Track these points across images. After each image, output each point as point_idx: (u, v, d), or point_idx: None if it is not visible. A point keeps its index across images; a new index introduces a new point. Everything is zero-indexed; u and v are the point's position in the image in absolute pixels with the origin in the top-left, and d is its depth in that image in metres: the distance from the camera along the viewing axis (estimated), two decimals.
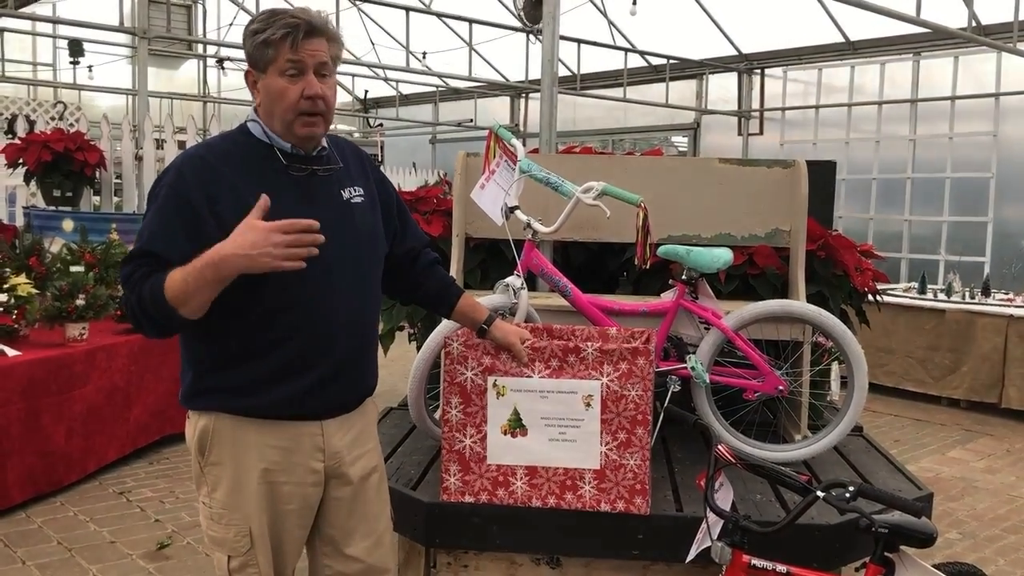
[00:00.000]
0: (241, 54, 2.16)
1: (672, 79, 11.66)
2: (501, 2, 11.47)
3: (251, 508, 2.07)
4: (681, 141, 12.82)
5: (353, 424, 2.20)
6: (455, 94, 14.84)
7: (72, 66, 13.04)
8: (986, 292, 7.80)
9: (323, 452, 2.12)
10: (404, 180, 12.36)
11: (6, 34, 12.35)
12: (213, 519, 2.11)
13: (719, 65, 11.57)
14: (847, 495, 2.17)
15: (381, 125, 15.97)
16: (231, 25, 12.95)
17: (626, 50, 11.46)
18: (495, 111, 14.38)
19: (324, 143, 2.16)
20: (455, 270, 3.46)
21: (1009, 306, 7.36)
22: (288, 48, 1.98)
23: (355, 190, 2.18)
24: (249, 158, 2.05)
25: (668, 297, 3.10)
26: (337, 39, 2.08)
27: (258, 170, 2.04)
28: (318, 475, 2.13)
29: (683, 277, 3.03)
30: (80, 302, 4.97)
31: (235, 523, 2.08)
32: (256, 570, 2.09)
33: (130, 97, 12.18)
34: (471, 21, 10.73)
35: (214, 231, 1.92)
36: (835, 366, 3.51)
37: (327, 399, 2.11)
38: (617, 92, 11.82)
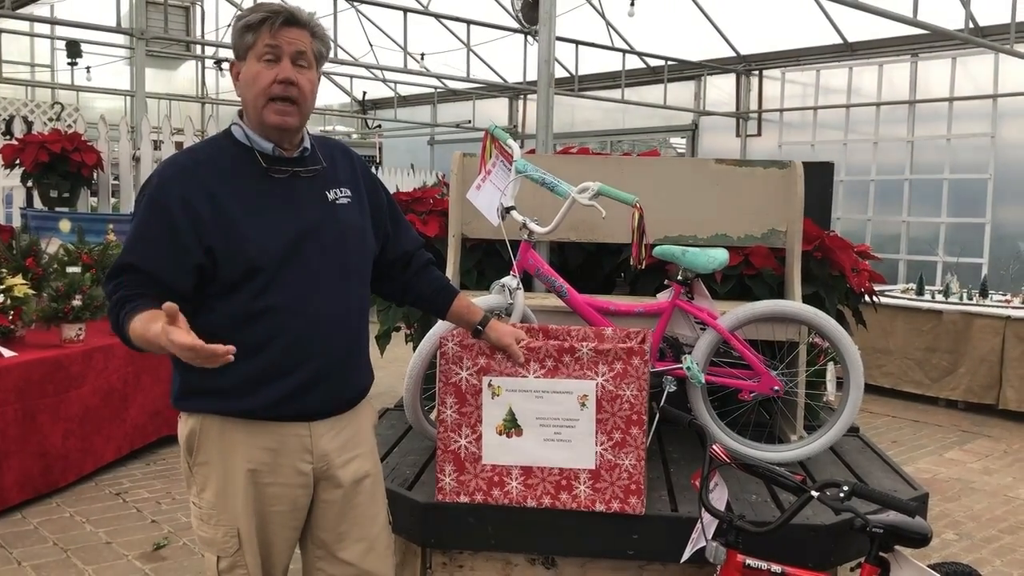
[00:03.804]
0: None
1: (670, 80, 11.66)
2: (499, 3, 11.48)
3: (238, 509, 2.07)
4: (679, 143, 12.82)
5: (344, 426, 2.19)
6: (453, 95, 14.84)
7: (70, 67, 13.04)
8: (984, 293, 7.80)
9: (311, 454, 2.11)
10: (402, 181, 12.37)
11: (4, 35, 12.35)
12: (202, 519, 2.11)
13: (717, 66, 11.58)
14: (841, 495, 2.17)
15: (379, 126, 15.98)
16: (229, 26, 12.93)
17: (624, 51, 11.46)
18: (493, 112, 14.38)
19: (307, 144, 2.15)
20: (451, 271, 3.46)
21: (1007, 307, 7.37)
22: (267, 32, 2.00)
23: (341, 191, 2.17)
24: (229, 162, 2.06)
25: (664, 297, 3.10)
26: (322, 37, 2.09)
27: (238, 174, 2.05)
28: (306, 477, 2.12)
29: (679, 278, 3.03)
30: (77, 303, 4.96)
31: (223, 523, 2.08)
32: (245, 571, 2.09)
33: (128, 98, 12.18)
34: (469, 22, 10.72)
35: (192, 239, 1.95)
36: (831, 366, 3.51)
37: (314, 400, 2.10)
38: (615, 93, 11.83)
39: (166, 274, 1.97)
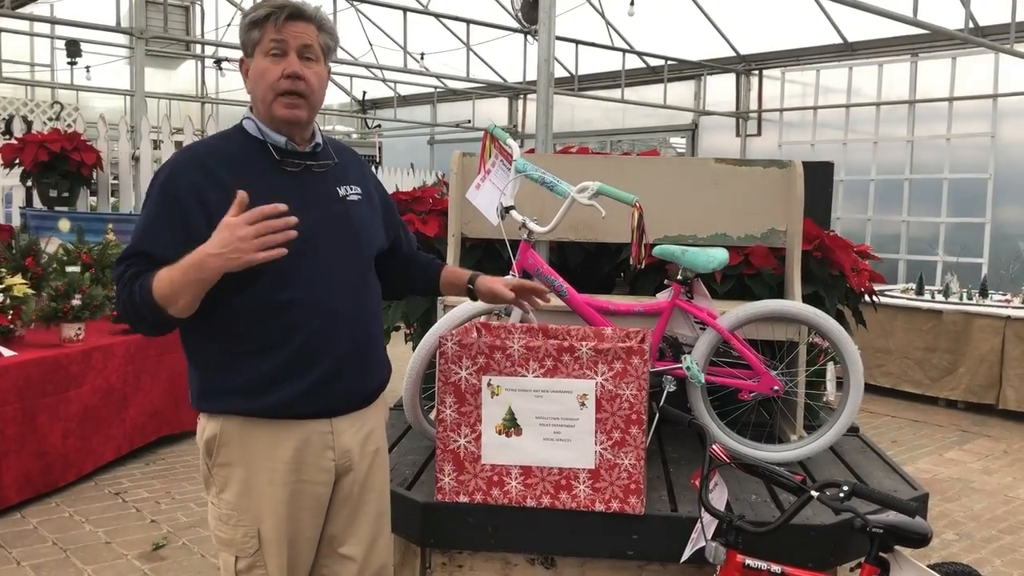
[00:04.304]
0: (237, 54, 2.18)
1: (670, 80, 11.66)
2: (499, 2, 11.47)
3: (261, 509, 2.06)
4: (679, 142, 12.82)
5: (364, 422, 2.19)
6: (453, 95, 14.84)
7: (69, 67, 13.04)
8: (983, 293, 7.80)
9: (333, 450, 2.11)
10: (402, 181, 12.36)
11: (3, 34, 12.34)
12: (221, 519, 2.10)
13: (717, 66, 11.58)
14: (841, 495, 2.17)
15: (379, 126, 15.97)
16: (229, 26, 12.95)
17: (624, 51, 11.46)
18: (493, 112, 14.39)
19: (319, 139, 2.16)
20: None
21: (1006, 307, 7.36)
22: (272, 27, 2.02)
23: (352, 188, 2.19)
24: (242, 155, 2.06)
25: (664, 297, 3.10)
26: (328, 29, 2.10)
27: (251, 167, 2.04)
28: (329, 473, 2.12)
29: (679, 277, 3.03)
30: (76, 302, 4.96)
31: (243, 524, 2.07)
32: (264, 571, 2.08)
33: (127, 98, 12.18)
34: (469, 22, 10.72)
35: (204, 229, 1.93)
36: (831, 366, 3.51)
37: (333, 396, 2.09)
38: (615, 93, 11.83)
39: (173, 260, 1.93)
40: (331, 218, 2.10)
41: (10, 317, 4.79)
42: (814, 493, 2.19)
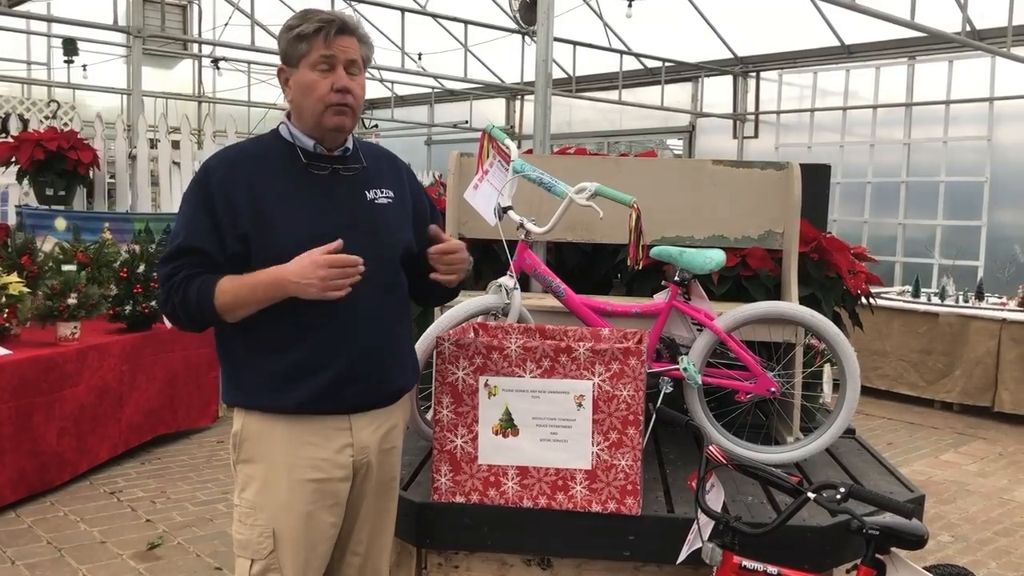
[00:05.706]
0: (235, 54, 2.23)
1: (667, 82, 11.66)
2: (496, 3, 11.47)
3: (278, 507, 2.08)
4: (676, 144, 12.83)
5: (384, 421, 2.21)
6: (451, 95, 14.83)
7: (66, 65, 13.00)
8: (980, 296, 7.82)
9: (352, 447, 2.13)
10: None
11: (0, 33, 12.31)
12: (240, 519, 2.12)
13: (714, 68, 11.59)
14: (838, 496, 2.17)
15: (376, 126, 15.96)
16: (226, 25, 12.91)
17: (621, 52, 11.46)
18: (491, 113, 14.38)
19: (349, 144, 2.21)
20: None
21: (1002, 310, 7.38)
22: (321, 43, 2.07)
23: (382, 192, 2.22)
24: (272, 158, 2.13)
25: (661, 298, 3.10)
26: (368, 42, 2.16)
27: (279, 169, 2.11)
28: (347, 470, 2.14)
29: (676, 278, 3.03)
30: (72, 301, 4.95)
31: (260, 523, 2.09)
32: (278, 574, 2.08)
33: (124, 96, 12.15)
34: (466, 22, 10.72)
35: (227, 225, 2.04)
36: (827, 368, 3.51)
37: (352, 394, 2.11)
38: (612, 94, 11.83)
39: (216, 253, 2.04)
40: (355, 220, 2.13)
41: (5, 315, 4.78)
42: (811, 495, 2.19)
